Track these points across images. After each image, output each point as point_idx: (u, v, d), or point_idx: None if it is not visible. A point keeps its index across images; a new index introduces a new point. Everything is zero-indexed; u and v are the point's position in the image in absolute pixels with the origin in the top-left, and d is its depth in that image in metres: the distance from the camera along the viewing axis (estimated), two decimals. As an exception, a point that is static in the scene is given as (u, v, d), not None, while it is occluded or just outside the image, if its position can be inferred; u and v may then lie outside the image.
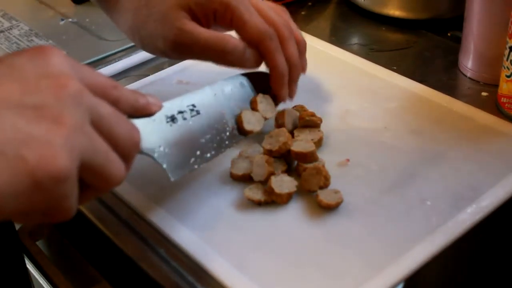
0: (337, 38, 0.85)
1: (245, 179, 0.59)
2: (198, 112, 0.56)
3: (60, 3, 0.96)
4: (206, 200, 0.58)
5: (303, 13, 0.92)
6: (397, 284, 0.49)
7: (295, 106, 0.66)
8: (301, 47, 0.64)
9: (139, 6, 0.61)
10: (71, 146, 0.37)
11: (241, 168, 0.59)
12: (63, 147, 0.37)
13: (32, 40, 0.84)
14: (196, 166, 0.55)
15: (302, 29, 0.85)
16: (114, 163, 0.41)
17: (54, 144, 0.37)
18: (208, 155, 0.56)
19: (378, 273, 0.50)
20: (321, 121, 0.64)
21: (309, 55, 0.80)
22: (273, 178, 0.57)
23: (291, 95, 0.63)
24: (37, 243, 0.76)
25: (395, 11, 0.87)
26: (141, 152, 0.50)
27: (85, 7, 0.95)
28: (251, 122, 0.59)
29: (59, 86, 0.39)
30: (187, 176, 0.60)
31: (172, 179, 0.53)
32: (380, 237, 0.53)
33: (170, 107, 0.54)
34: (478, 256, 0.55)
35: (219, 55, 0.59)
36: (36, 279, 0.88)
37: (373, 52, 0.82)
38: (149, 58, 0.81)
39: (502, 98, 0.68)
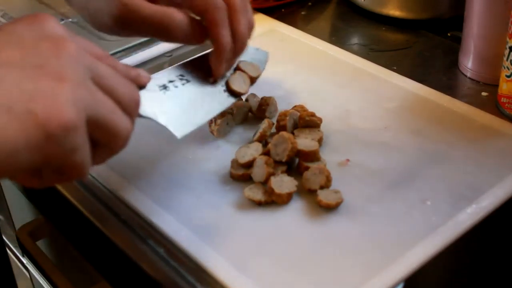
0: (337, 38, 0.85)
1: (245, 179, 0.59)
2: (187, 80, 0.58)
3: (60, 3, 0.96)
4: (206, 200, 0.58)
5: (303, 13, 0.92)
6: (397, 284, 0.50)
7: (295, 106, 0.66)
8: (249, 27, 0.60)
9: None
10: (75, 99, 0.39)
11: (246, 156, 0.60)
12: (68, 100, 0.39)
13: (32, 40, 0.84)
14: (200, 121, 0.57)
15: (302, 29, 0.86)
16: (118, 116, 0.43)
17: (59, 97, 0.38)
18: (209, 112, 0.58)
19: (378, 273, 0.50)
20: (321, 121, 0.64)
21: (309, 55, 0.80)
22: (273, 179, 0.57)
23: (226, 69, 0.60)
24: (37, 243, 0.76)
25: (395, 11, 0.87)
26: (141, 115, 0.51)
27: (85, 7, 0.95)
28: (240, 84, 0.61)
29: (57, 47, 0.41)
30: (187, 176, 0.60)
31: (178, 137, 0.54)
32: (380, 237, 0.53)
33: (159, 77, 0.55)
34: (478, 256, 0.55)
35: (164, 31, 0.56)
36: (36, 279, 0.89)
37: (373, 52, 0.82)
38: (149, 58, 0.81)
39: (502, 98, 0.68)
